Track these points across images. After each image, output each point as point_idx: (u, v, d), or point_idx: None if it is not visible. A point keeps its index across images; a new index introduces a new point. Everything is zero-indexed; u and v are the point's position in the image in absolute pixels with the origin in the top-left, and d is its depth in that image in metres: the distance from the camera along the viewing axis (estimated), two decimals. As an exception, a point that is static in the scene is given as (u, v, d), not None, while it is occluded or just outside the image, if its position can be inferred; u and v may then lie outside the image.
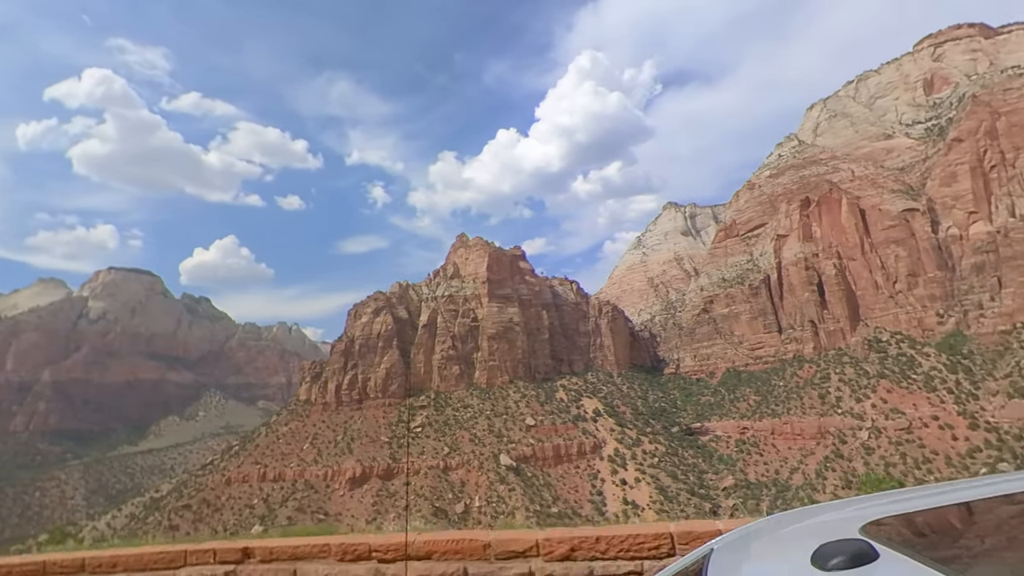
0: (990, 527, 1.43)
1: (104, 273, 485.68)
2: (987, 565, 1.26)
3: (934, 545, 1.36)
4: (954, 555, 1.24)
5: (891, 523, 1.39)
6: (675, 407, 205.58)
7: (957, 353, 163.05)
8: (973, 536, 1.39)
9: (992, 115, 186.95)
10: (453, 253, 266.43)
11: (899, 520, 1.37)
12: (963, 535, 1.35)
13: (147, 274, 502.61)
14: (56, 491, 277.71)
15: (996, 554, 1.22)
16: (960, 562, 1.15)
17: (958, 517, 1.33)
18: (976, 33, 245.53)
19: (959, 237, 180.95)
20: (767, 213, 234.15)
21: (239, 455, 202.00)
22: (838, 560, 1.41)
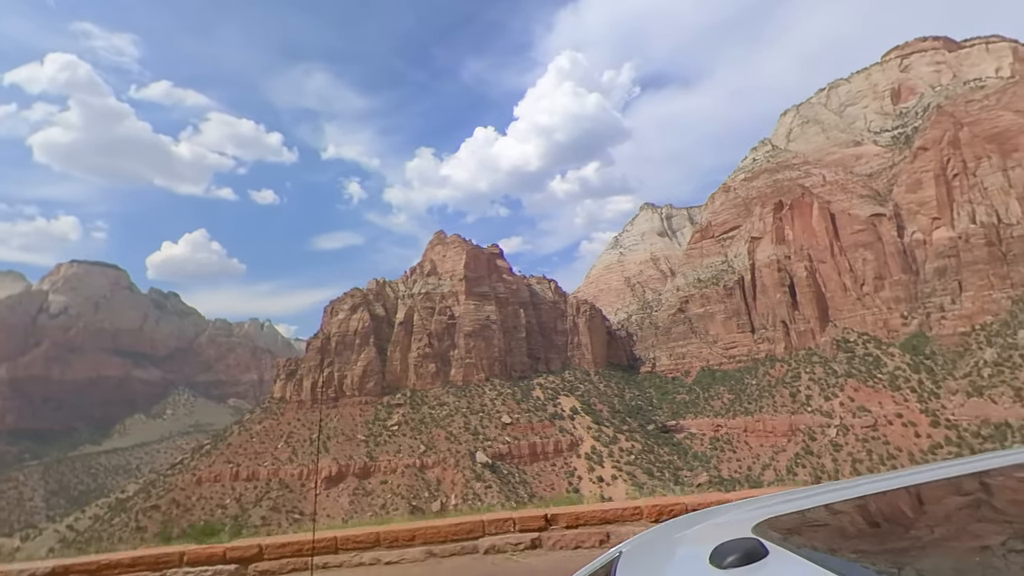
0: (874, 521, 1.52)
1: (66, 266, 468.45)
2: (868, 557, 1.34)
3: (819, 540, 1.47)
4: (837, 549, 1.34)
5: (781, 521, 1.50)
6: (651, 405, 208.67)
7: (920, 353, 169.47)
8: (857, 530, 1.48)
9: (955, 125, 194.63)
10: (430, 250, 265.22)
11: (789, 518, 1.47)
12: (846, 530, 1.43)
13: (112, 268, 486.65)
14: (14, 493, 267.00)
15: (876, 546, 1.31)
16: (843, 555, 1.25)
17: (843, 513, 1.42)
18: (940, 46, 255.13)
19: (923, 242, 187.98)
20: (742, 215, 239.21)
21: (210, 454, 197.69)
22: (732, 558, 1.50)
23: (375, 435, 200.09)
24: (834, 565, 1.28)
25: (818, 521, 1.45)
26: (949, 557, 1.23)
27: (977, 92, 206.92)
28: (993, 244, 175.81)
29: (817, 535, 1.43)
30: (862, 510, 1.48)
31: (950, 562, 1.22)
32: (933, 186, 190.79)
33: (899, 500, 1.52)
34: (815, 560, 1.34)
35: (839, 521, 1.45)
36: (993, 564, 1.18)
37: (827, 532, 1.45)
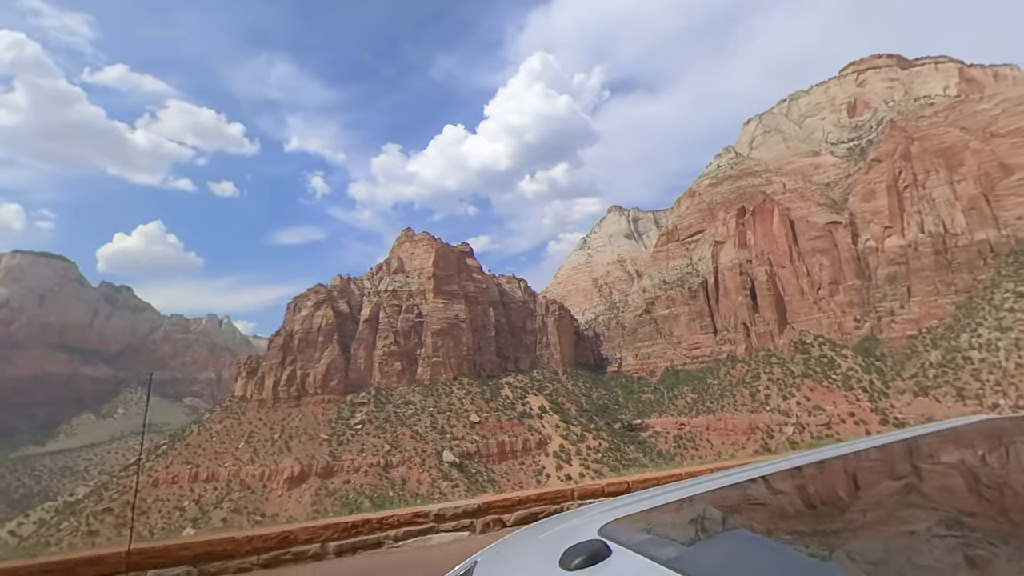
0: (709, 518, 1.57)
1: (8, 257, 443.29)
2: (704, 553, 1.40)
3: (660, 537, 1.53)
4: (677, 545, 1.40)
5: (627, 521, 1.55)
6: (617, 404, 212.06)
7: (871, 355, 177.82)
8: (693, 527, 1.53)
9: (906, 140, 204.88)
10: (398, 247, 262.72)
11: (635, 517, 1.54)
12: (684, 527, 1.49)
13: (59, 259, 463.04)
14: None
15: (711, 541, 1.37)
16: (679, 550, 1.30)
17: (682, 511, 1.48)
18: (894, 63, 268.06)
19: (875, 249, 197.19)
20: (706, 220, 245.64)
21: (167, 455, 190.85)
22: (578, 560, 1.57)
23: (338, 434, 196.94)
24: (670, 560, 1.37)
25: (663, 519, 1.50)
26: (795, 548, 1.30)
27: (927, 109, 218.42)
28: (940, 253, 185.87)
29: (659, 532, 1.49)
30: (707, 505, 1.55)
31: (783, 556, 1.28)
32: (885, 196, 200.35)
33: (748, 492, 1.58)
34: (654, 557, 1.44)
35: (681, 517, 1.50)
36: (809, 550, 1.26)
37: (669, 528, 1.51)
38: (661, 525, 1.51)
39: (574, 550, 1.55)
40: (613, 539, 1.44)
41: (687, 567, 1.36)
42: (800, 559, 1.24)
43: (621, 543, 1.48)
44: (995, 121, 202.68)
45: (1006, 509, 1.30)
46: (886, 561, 1.06)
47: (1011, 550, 1.09)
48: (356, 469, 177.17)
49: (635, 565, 1.38)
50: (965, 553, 1.12)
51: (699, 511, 1.56)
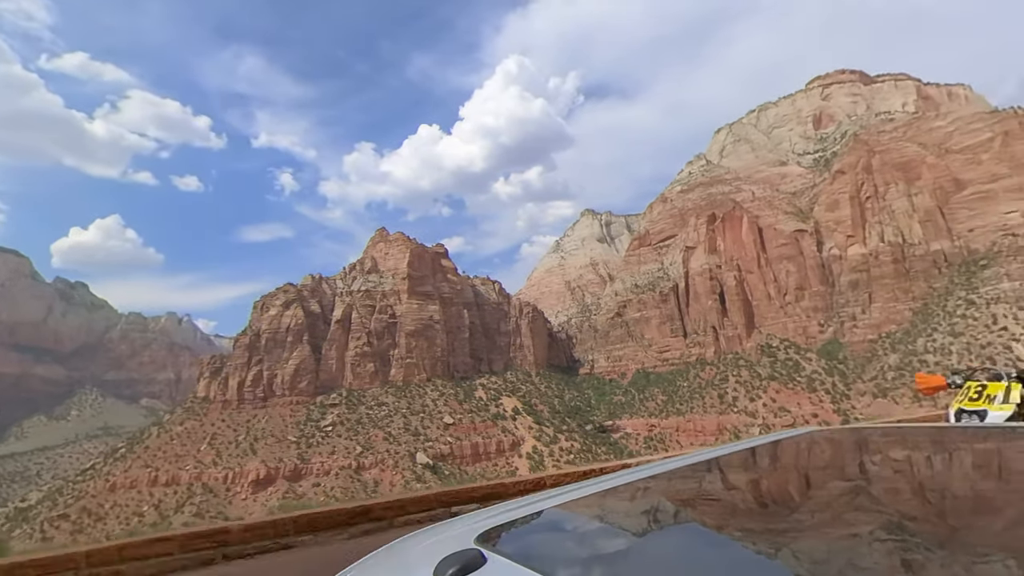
0: (587, 523, 1.58)
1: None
2: (578, 560, 1.42)
3: (535, 546, 1.54)
4: (543, 554, 1.42)
5: (500, 530, 1.56)
6: (589, 406, 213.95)
7: (834, 358, 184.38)
8: (571, 533, 1.54)
9: (868, 153, 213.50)
10: (372, 247, 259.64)
11: (513, 524, 1.55)
12: (561, 533, 1.51)
13: (12, 253, 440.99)
14: None
15: (586, 547, 1.38)
16: (549, 559, 1.31)
17: (562, 517, 1.51)
18: (857, 79, 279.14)
19: (839, 257, 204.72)
20: (677, 225, 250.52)
21: (125, 458, 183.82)
22: (453, 570, 1.54)
23: (307, 436, 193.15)
24: (545, 568, 1.38)
25: (542, 525, 1.53)
26: (653, 554, 1.30)
27: (887, 124, 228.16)
28: (898, 261, 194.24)
29: (536, 538, 1.53)
30: (587, 509, 1.56)
31: (647, 559, 1.28)
32: (848, 207, 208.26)
33: (620, 497, 1.59)
34: (530, 565, 1.44)
35: (561, 523, 1.53)
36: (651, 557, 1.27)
37: (547, 535, 1.54)
38: (539, 531, 1.50)
39: (448, 560, 1.53)
40: (490, 547, 1.43)
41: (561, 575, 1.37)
42: (666, 565, 1.27)
43: (497, 551, 1.47)
44: (949, 138, 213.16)
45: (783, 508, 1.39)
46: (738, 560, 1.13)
47: (791, 548, 1.15)
48: (326, 472, 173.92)
49: (509, 575, 1.38)
50: (749, 552, 1.20)
51: (578, 517, 1.55)
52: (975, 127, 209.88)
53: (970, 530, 1.02)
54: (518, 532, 1.52)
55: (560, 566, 1.40)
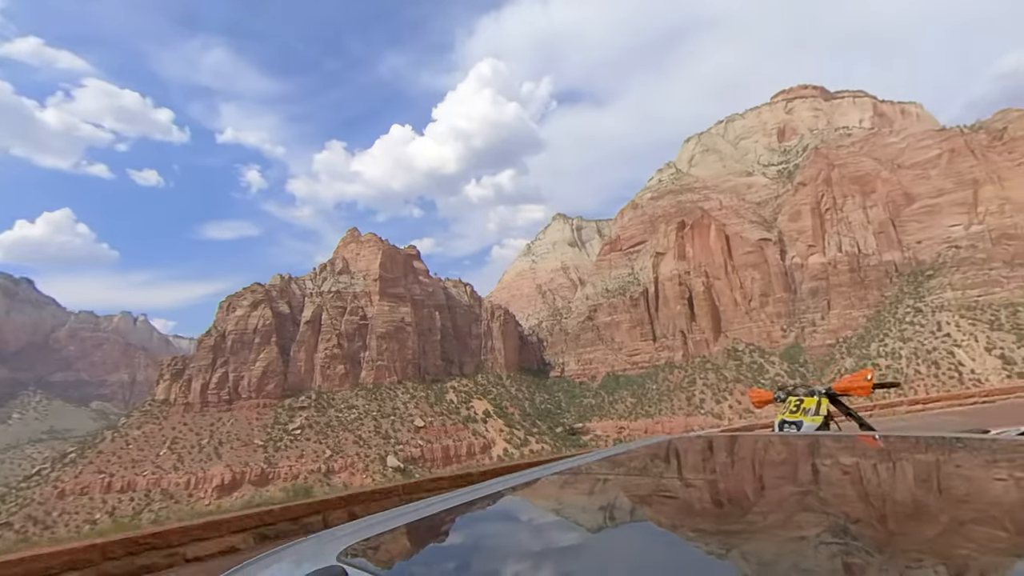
0: (453, 535, 1.54)
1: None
2: (442, 573, 1.36)
3: (400, 561, 1.49)
4: (409, 570, 1.39)
5: (366, 545, 1.49)
6: (560, 408, 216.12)
7: (795, 362, 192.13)
8: (429, 548, 1.51)
9: (828, 166, 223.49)
10: (343, 247, 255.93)
11: (378, 539, 1.49)
12: (418, 548, 1.50)
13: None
14: None
15: (442, 563, 1.34)
16: (418, 572, 1.32)
17: (416, 534, 1.50)
18: (818, 95, 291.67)
19: (801, 265, 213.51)
20: (648, 232, 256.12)
21: (76, 463, 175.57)
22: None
23: (275, 440, 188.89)
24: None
25: (391, 544, 1.49)
26: (517, 566, 1.28)
27: (846, 139, 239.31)
28: (854, 270, 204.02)
29: (400, 553, 1.50)
30: (456, 518, 1.54)
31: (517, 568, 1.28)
32: (810, 217, 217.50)
33: (484, 507, 1.59)
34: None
35: (407, 542, 1.49)
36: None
37: (412, 548, 1.51)
38: (406, 544, 1.46)
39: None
40: (352, 563, 1.34)
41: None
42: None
43: (360, 568, 1.37)
44: (901, 154, 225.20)
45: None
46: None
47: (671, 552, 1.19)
48: (295, 476, 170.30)
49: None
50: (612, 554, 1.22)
51: (444, 527, 1.53)
52: (925, 144, 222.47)
53: (790, 521, 1.19)
54: (384, 546, 1.47)
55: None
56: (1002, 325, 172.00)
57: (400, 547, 1.45)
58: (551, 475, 1.70)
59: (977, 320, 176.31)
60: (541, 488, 1.61)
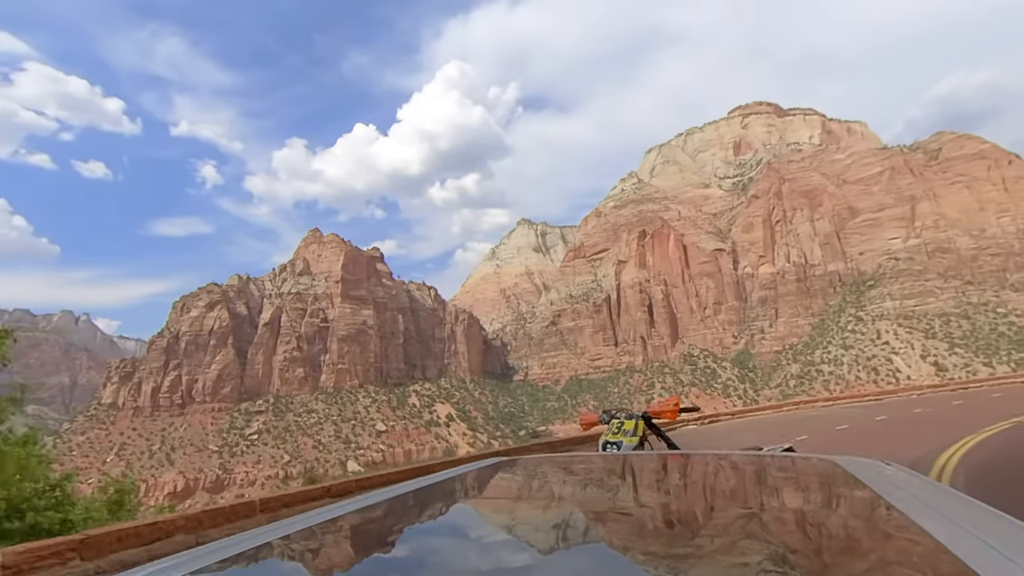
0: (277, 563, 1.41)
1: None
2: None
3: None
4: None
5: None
6: (523, 412, 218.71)
7: (746, 367, 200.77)
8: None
9: (779, 180, 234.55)
10: (304, 248, 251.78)
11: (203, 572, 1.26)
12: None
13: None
14: None
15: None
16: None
17: (262, 559, 1.31)
18: (772, 111, 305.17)
19: (752, 275, 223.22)
20: (610, 240, 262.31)
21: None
22: None
23: (230, 445, 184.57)
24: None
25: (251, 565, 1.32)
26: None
27: (796, 154, 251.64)
28: (801, 280, 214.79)
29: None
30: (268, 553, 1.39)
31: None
32: (761, 229, 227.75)
33: (314, 535, 1.44)
34: None
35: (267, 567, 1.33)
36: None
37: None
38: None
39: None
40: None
41: None
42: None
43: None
44: (847, 170, 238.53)
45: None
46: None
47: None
48: (251, 482, 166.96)
49: None
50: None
51: (293, 550, 1.38)
52: (868, 162, 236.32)
53: (605, 532, 1.27)
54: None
55: None
56: (935, 334, 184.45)
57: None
58: (383, 502, 1.65)
59: (913, 329, 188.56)
60: (378, 512, 1.56)
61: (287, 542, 1.30)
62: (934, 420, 23.54)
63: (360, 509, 1.42)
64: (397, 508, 1.51)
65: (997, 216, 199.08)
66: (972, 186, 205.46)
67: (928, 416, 25.43)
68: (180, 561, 1.14)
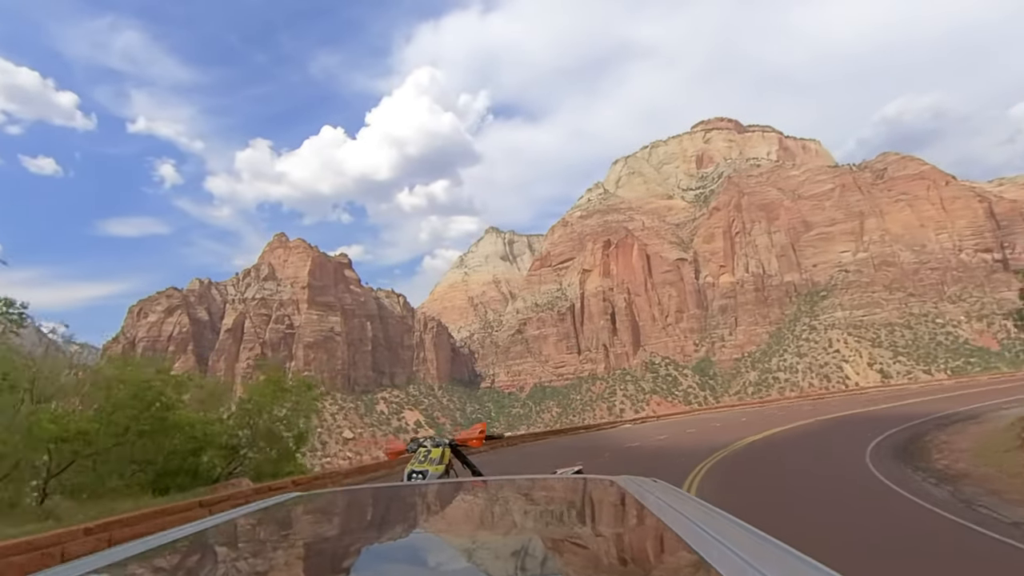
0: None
1: None
2: None
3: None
4: None
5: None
6: (489, 418, 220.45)
7: (706, 374, 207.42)
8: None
9: (739, 194, 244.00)
10: (269, 253, 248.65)
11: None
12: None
13: None
14: None
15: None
16: None
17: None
18: (732, 127, 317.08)
19: (712, 284, 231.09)
20: (576, 249, 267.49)
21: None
22: None
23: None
24: None
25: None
26: None
27: (754, 169, 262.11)
28: (759, 290, 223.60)
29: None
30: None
31: None
32: (721, 240, 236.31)
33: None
34: None
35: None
36: None
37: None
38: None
39: None
40: None
41: None
42: None
43: None
44: (801, 185, 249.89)
45: None
46: None
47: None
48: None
49: None
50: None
51: None
52: (821, 178, 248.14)
53: (410, 556, 1.27)
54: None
55: None
56: (881, 343, 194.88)
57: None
58: (168, 544, 1.45)
59: (861, 338, 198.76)
60: (169, 556, 1.41)
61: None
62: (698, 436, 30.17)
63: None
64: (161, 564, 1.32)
65: (936, 233, 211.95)
66: (914, 204, 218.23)
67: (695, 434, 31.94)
68: None
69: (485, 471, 2.79)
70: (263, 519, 1.74)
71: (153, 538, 1.37)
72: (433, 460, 3.07)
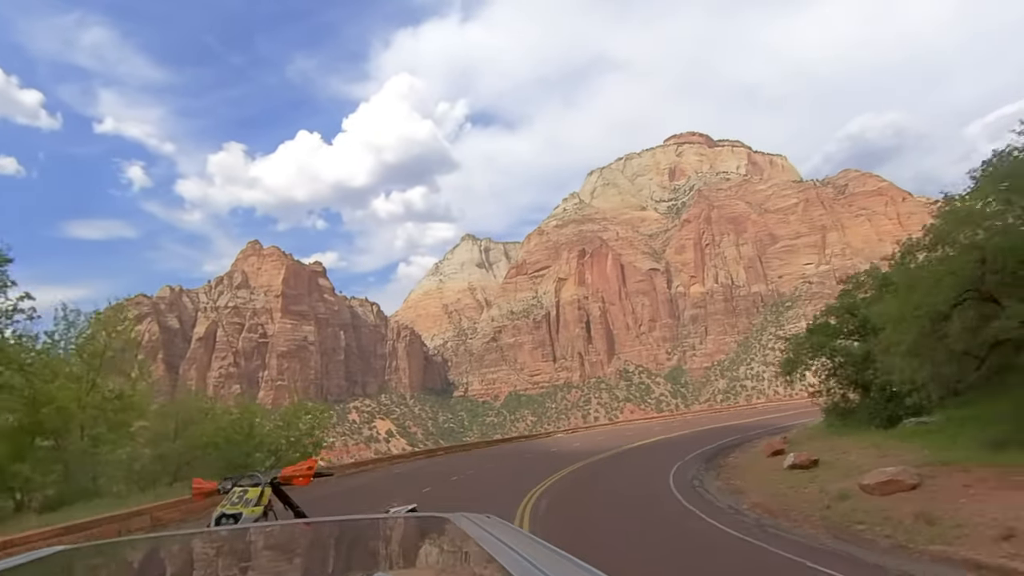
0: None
1: None
2: None
3: None
4: None
5: None
6: (463, 427, 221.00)
7: (678, 382, 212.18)
8: None
9: (709, 207, 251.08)
10: (243, 260, 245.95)
11: None
12: None
13: None
14: None
15: None
16: None
17: None
18: (703, 142, 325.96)
19: (684, 294, 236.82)
20: (551, 257, 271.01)
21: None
22: None
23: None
24: None
25: None
26: None
27: (724, 183, 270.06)
28: (728, 300, 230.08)
29: None
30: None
31: None
32: (692, 251, 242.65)
33: None
34: None
35: None
36: None
37: None
38: None
39: None
40: None
41: None
42: None
43: None
44: (768, 199, 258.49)
45: None
46: None
47: None
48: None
49: None
50: None
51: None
52: (786, 193, 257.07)
53: None
54: None
55: None
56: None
57: None
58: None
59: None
60: None
61: None
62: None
63: None
64: None
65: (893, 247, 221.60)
66: (872, 219, 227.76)
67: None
68: None
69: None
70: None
71: None
72: (249, 501, 2.73)
